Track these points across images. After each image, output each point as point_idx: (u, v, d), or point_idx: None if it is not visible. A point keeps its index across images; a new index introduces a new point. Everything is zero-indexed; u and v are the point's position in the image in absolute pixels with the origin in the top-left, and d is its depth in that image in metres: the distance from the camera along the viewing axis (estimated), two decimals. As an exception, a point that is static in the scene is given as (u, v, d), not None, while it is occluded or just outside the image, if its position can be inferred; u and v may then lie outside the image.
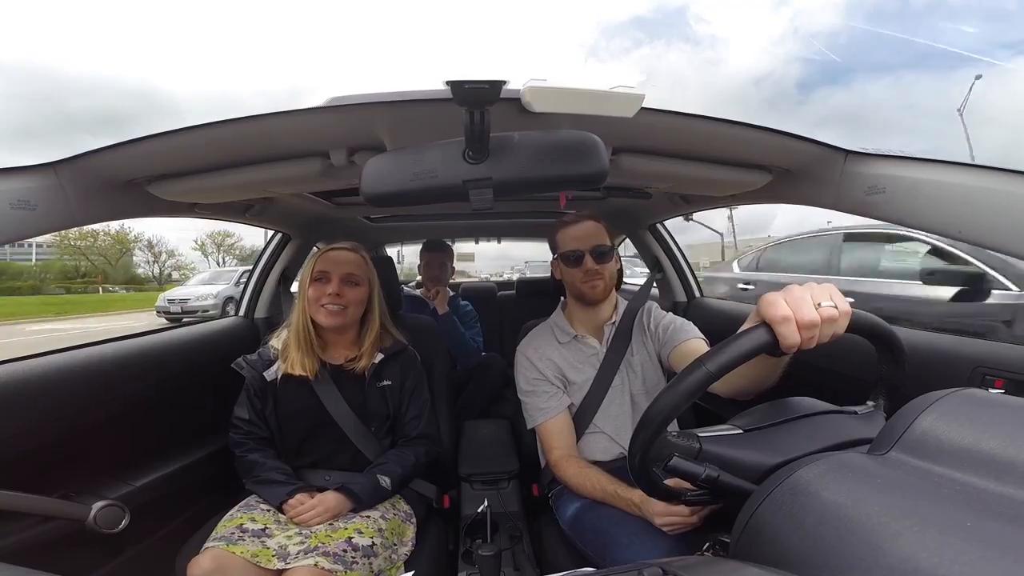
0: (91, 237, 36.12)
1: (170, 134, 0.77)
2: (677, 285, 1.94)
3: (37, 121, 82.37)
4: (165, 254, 41.74)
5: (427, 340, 1.32)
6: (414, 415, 1.14)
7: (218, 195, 1.04)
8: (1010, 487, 0.34)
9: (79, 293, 28.23)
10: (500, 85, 0.49)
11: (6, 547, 0.82)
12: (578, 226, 1.10)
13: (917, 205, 0.76)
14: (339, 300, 1.05)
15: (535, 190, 0.63)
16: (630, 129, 0.75)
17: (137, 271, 38.87)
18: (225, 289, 11.16)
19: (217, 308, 10.69)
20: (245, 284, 1.79)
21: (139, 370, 1.18)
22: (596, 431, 1.09)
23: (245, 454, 1.05)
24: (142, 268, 39.67)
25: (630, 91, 0.55)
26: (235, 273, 12.19)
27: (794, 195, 1.04)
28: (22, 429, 0.89)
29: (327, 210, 1.57)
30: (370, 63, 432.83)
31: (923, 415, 0.42)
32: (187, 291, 11.81)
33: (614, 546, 0.84)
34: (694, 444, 0.53)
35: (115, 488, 1.02)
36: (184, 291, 11.96)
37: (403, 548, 0.99)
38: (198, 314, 10.66)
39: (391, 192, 0.59)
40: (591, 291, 1.09)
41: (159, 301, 11.88)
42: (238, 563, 0.83)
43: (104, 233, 36.53)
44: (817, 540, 0.35)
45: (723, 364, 0.49)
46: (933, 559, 0.29)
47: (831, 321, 0.50)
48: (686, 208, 1.56)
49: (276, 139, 0.84)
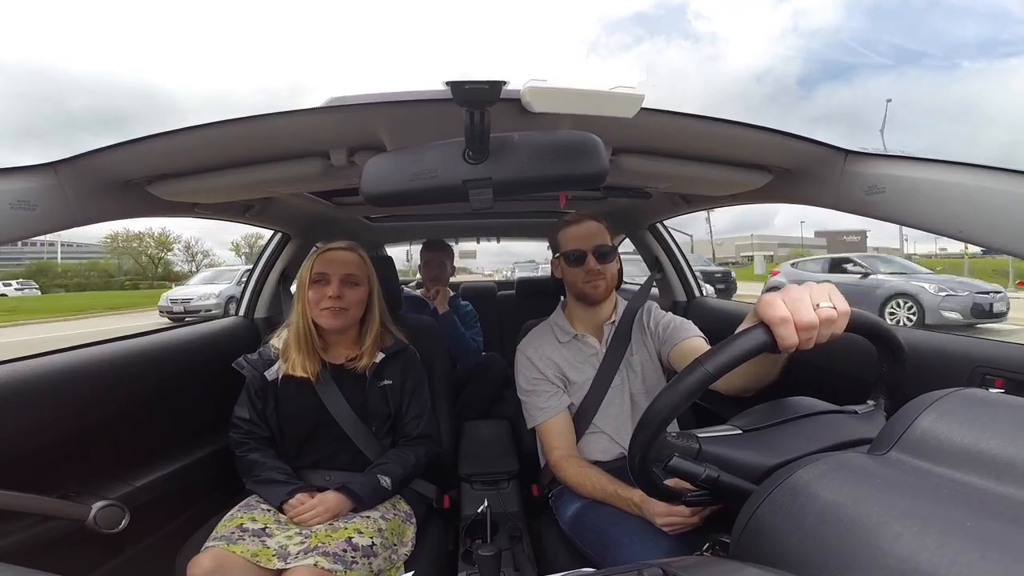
0: (137, 239, 40.02)
1: (170, 134, 0.77)
2: (677, 285, 1.94)
3: (38, 120, 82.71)
4: (200, 254, 44.62)
5: (427, 340, 1.32)
6: (414, 415, 1.14)
7: (218, 195, 1.04)
8: (1010, 487, 0.34)
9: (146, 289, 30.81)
10: (500, 85, 0.49)
11: (6, 547, 0.82)
12: (580, 226, 1.10)
13: (917, 205, 0.76)
14: (339, 302, 1.05)
15: (535, 190, 0.64)
16: (630, 129, 0.75)
17: (175, 269, 41.58)
18: (227, 288, 11.10)
19: (220, 307, 10.60)
20: (245, 284, 1.79)
21: (139, 370, 1.18)
22: (596, 431, 1.09)
23: (245, 454, 1.05)
24: (179, 267, 42.42)
25: (630, 91, 0.55)
26: (236, 272, 12.12)
27: (794, 195, 1.05)
28: (22, 429, 0.89)
29: (327, 210, 1.57)
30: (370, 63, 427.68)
31: (923, 415, 0.42)
32: (189, 291, 11.75)
33: (615, 546, 0.84)
34: (693, 445, 0.53)
35: (115, 488, 1.02)
36: (187, 291, 11.88)
37: (403, 548, 0.99)
38: (200, 314, 10.61)
39: (391, 192, 0.59)
40: (593, 291, 1.09)
41: (161, 301, 11.78)
42: (238, 563, 0.83)
43: (148, 235, 40.52)
44: (817, 540, 0.35)
45: (721, 365, 0.49)
46: (933, 559, 0.29)
47: (829, 322, 0.50)
48: (686, 208, 1.56)
49: (276, 139, 0.84)
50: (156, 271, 39.63)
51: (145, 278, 36.79)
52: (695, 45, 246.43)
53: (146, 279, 36.66)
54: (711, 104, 41.50)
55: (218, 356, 1.24)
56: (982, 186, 0.69)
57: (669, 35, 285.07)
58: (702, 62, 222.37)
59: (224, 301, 10.61)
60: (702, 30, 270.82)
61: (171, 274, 37.77)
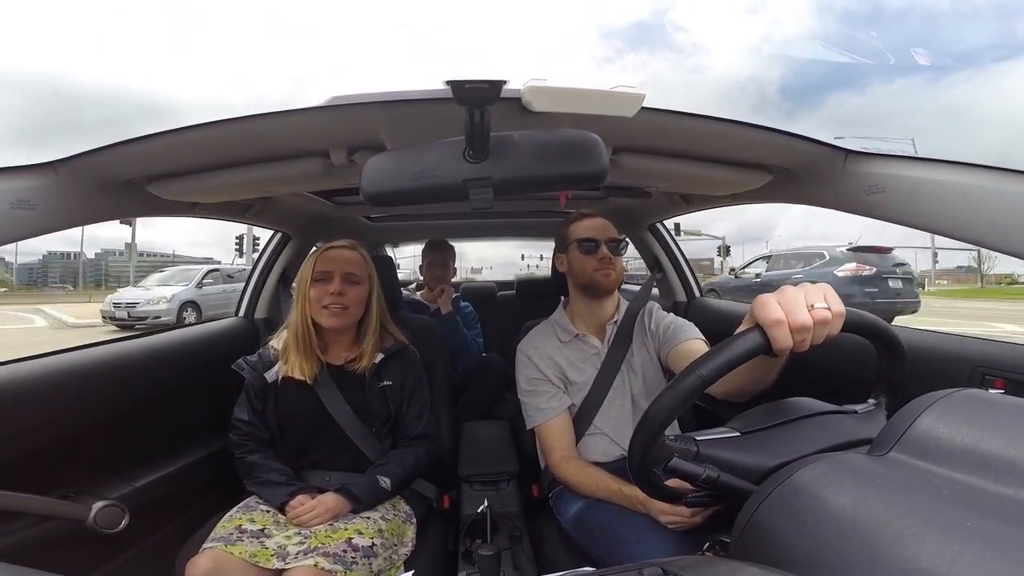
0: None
1: (170, 133, 0.77)
2: (677, 285, 1.94)
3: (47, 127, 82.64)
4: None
5: (427, 341, 1.32)
6: (414, 415, 1.13)
7: (218, 194, 1.04)
8: (1010, 487, 0.34)
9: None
10: (500, 85, 0.49)
11: (6, 547, 0.82)
12: (593, 219, 1.14)
13: (917, 205, 0.76)
14: (341, 299, 1.05)
15: (535, 189, 0.64)
16: (630, 128, 0.75)
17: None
18: (183, 291, 9.52)
19: (171, 313, 9.03)
20: (245, 284, 1.78)
21: (139, 370, 1.18)
22: (596, 432, 1.09)
23: (245, 455, 1.05)
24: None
25: (630, 91, 0.55)
26: (196, 272, 10.44)
27: (794, 195, 1.04)
28: (23, 429, 0.89)
29: (327, 209, 1.57)
30: (370, 63, 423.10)
31: (923, 415, 0.42)
32: (138, 293, 9.98)
33: (622, 543, 0.84)
34: (691, 448, 0.53)
35: (115, 488, 1.02)
36: (135, 293, 10.11)
37: (403, 548, 0.99)
38: (148, 321, 8.95)
39: (391, 191, 0.59)
40: (604, 279, 1.09)
41: (104, 305, 9.91)
42: (236, 564, 0.82)
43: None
44: (817, 540, 0.35)
45: (716, 369, 0.49)
46: (933, 559, 0.29)
47: (824, 323, 0.50)
48: (686, 208, 1.56)
49: (276, 138, 0.84)
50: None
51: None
52: (678, 56, 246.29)
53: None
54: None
55: (218, 357, 1.24)
56: (982, 186, 0.69)
57: (652, 47, 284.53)
58: (686, 74, 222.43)
59: (178, 306, 9.20)
60: (683, 41, 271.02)
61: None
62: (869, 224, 1.13)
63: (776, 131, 0.83)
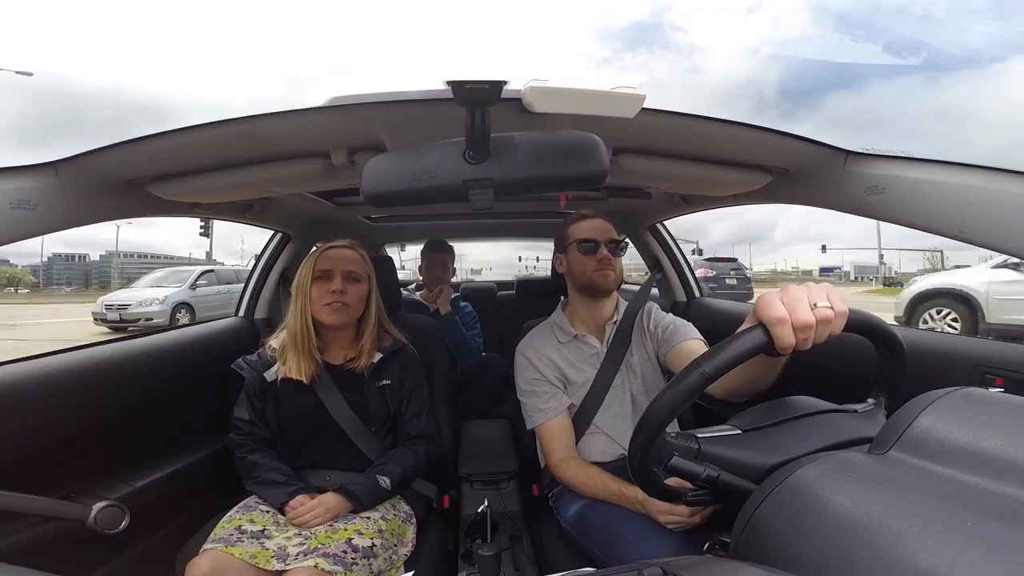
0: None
1: (170, 134, 0.77)
2: (677, 285, 1.94)
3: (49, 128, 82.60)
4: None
5: (427, 340, 1.32)
6: (414, 414, 1.13)
7: (218, 195, 1.04)
8: (1010, 487, 0.34)
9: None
10: (501, 85, 0.49)
11: (6, 547, 0.82)
12: (594, 220, 1.14)
13: (917, 205, 0.77)
14: (342, 297, 1.05)
15: (535, 190, 0.64)
16: (631, 129, 0.75)
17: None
18: (175, 293, 9.32)
19: (164, 315, 8.83)
20: (245, 284, 1.79)
21: (139, 370, 1.18)
22: (596, 431, 1.09)
23: (245, 455, 1.05)
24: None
25: (631, 91, 0.55)
26: (191, 273, 10.23)
27: (794, 195, 1.05)
28: (24, 430, 0.89)
29: (327, 210, 1.57)
30: (370, 63, 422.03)
31: (923, 414, 0.42)
32: (131, 295, 9.68)
33: (622, 543, 0.84)
34: (692, 445, 0.53)
35: (115, 488, 1.02)
36: (127, 295, 9.81)
37: (403, 548, 0.99)
38: (140, 323, 8.75)
39: (391, 192, 0.59)
40: (603, 279, 1.09)
41: (96, 307, 9.59)
42: (236, 564, 0.82)
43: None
44: (817, 540, 0.35)
45: (719, 366, 0.49)
46: (933, 559, 0.29)
47: (826, 322, 0.50)
48: (686, 208, 1.56)
49: (276, 139, 0.84)
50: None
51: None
52: (676, 57, 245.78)
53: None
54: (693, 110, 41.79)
55: (218, 356, 1.24)
56: (982, 186, 0.69)
57: (650, 48, 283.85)
58: (684, 74, 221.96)
59: (171, 308, 8.99)
60: (682, 42, 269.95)
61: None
62: (859, 222, 1.09)
63: (776, 132, 0.83)
